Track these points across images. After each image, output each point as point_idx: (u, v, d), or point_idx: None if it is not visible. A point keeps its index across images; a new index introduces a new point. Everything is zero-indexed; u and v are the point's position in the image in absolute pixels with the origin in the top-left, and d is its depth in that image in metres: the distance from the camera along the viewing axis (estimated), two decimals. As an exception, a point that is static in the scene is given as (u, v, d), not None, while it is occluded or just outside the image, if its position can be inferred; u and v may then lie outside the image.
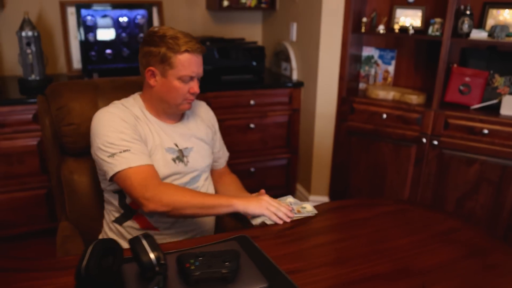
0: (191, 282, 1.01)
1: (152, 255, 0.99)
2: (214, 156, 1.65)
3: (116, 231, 1.49)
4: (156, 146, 1.43)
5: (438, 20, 2.48)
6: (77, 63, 2.95)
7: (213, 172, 1.68)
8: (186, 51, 1.37)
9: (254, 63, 2.99)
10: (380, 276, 1.13)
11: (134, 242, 1.02)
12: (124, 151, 1.32)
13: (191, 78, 1.42)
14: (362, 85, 2.99)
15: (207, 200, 1.34)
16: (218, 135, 1.69)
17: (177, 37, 1.38)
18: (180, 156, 1.47)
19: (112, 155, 1.32)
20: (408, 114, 2.58)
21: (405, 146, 2.63)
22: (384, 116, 2.65)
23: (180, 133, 1.51)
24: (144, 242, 1.01)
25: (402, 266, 1.17)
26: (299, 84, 2.97)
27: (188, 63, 1.39)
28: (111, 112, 1.39)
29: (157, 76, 1.41)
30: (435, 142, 2.51)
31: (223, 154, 1.72)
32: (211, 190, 1.60)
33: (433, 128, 2.51)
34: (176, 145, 1.48)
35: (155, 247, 1.01)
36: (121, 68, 2.68)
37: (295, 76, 3.05)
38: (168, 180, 1.43)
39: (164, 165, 1.42)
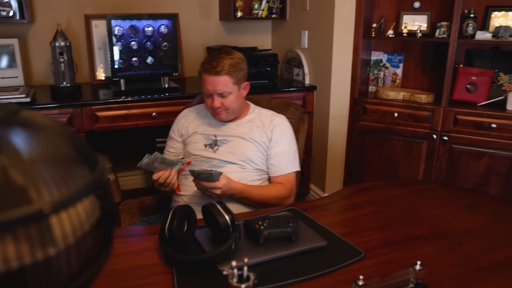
0: (261, 240, 1.15)
1: (227, 217, 1.13)
2: (267, 162, 1.77)
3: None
4: (197, 132, 1.81)
5: (444, 23, 2.67)
6: (100, 73, 3.11)
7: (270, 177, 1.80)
8: (202, 72, 1.70)
9: (269, 69, 3.17)
10: (421, 237, 1.28)
11: (210, 206, 1.17)
12: (166, 143, 1.91)
13: (209, 95, 1.70)
14: (371, 88, 3.17)
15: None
16: (277, 146, 1.76)
17: (207, 60, 1.71)
18: (213, 144, 1.77)
19: None
20: (418, 112, 2.76)
21: (416, 143, 2.80)
22: (396, 115, 2.82)
23: (224, 129, 1.79)
24: (219, 207, 1.16)
25: (439, 230, 1.32)
26: (312, 88, 3.14)
27: (204, 82, 1.70)
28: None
29: None
30: (445, 138, 2.68)
31: (278, 164, 1.75)
32: (237, 178, 1.67)
33: (443, 125, 2.69)
34: (215, 136, 1.78)
35: (228, 210, 1.16)
36: (143, 75, 2.83)
37: (307, 81, 3.23)
38: (200, 159, 1.76)
39: (196, 147, 1.78)
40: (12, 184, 0.39)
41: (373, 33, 2.93)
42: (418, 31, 2.78)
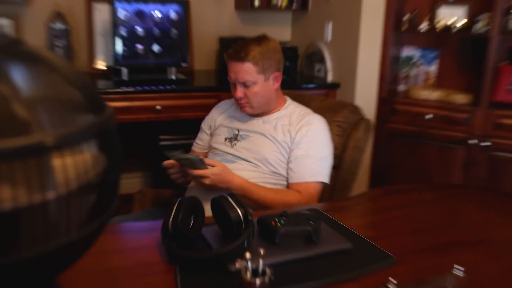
0: (278, 239, 1.13)
1: (239, 211, 1.11)
2: (287, 166, 1.71)
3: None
4: (223, 124, 1.85)
5: (485, 15, 2.64)
6: (100, 62, 3.12)
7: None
8: (226, 58, 1.71)
9: (288, 64, 3.16)
10: (461, 243, 1.25)
11: (220, 199, 1.15)
12: (197, 135, 1.98)
13: (233, 83, 1.72)
14: (401, 87, 3.14)
15: None
16: (299, 148, 1.69)
17: (234, 45, 1.70)
18: (233, 138, 1.79)
19: None
20: (454, 114, 2.72)
21: (452, 149, 2.76)
22: (428, 117, 2.79)
23: (249, 124, 1.80)
24: (230, 200, 1.14)
25: (480, 237, 1.29)
26: (335, 85, 3.12)
27: (228, 69, 1.71)
28: None
29: None
30: (486, 144, 2.63)
31: (297, 170, 1.67)
32: (246, 177, 1.65)
33: (482, 129, 2.64)
34: (238, 130, 1.80)
35: (241, 204, 1.14)
36: (149, 64, 2.82)
37: (330, 78, 3.21)
38: (217, 152, 1.80)
39: (218, 139, 1.83)
40: (13, 116, 0.37)
41: (405, 26, 2.91)
42: (455, 24, 2.75)
